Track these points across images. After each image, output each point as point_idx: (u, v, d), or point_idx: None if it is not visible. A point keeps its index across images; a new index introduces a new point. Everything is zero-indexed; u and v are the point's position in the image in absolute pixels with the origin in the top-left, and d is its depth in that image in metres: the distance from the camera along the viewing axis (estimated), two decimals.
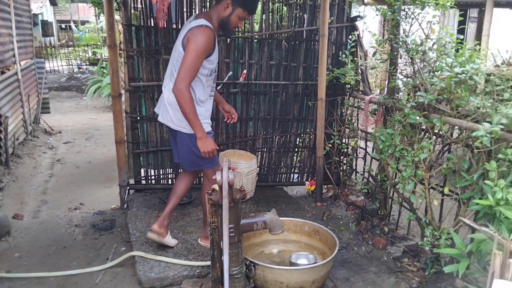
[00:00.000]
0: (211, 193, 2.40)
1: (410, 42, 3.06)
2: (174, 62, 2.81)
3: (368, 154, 4.27)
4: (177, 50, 2.79)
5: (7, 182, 4.67)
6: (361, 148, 4.46)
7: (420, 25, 3.17)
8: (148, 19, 3.81)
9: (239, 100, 4.22)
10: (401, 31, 3.25)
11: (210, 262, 2.55)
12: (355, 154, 4.51)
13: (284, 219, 3.17)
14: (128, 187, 4.12)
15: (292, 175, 4.71)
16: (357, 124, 4.41)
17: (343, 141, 4.50)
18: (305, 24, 4.21)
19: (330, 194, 4.68)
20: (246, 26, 4.10)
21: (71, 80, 13.39)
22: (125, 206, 4.02)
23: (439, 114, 2.78)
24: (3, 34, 5.27)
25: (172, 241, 3.15)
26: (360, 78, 4.26)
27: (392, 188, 3.48)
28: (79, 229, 3.76)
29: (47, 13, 24.42)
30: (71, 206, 4.26)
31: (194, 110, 2.66)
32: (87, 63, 16.71)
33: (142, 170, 4.20)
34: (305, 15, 4.19)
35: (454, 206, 2.98)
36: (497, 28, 7.22)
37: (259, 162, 4.48)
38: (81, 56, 17.50)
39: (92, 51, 16.81)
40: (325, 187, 4.81)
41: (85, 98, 9.89)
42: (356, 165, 4.56)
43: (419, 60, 3.03)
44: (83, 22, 27.64)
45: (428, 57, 3.02)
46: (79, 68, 16.26)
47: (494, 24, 6.08)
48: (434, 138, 2.91)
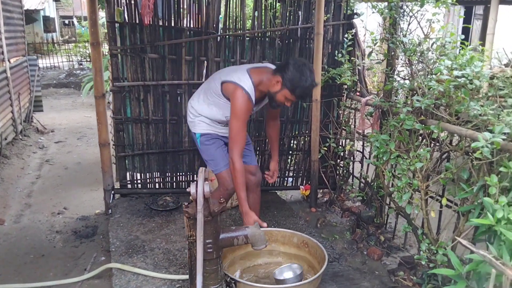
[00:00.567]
0: (188, 205, 2.21)
1: (408, 42, 2.86)
2: (206, 89, 2.93)
3: (366, 158, 4.07)
4: (214, 81, 2.84)
5: None
6: (359, 152, 4.26)
7: (419, 24, 2.97)
8: (133, 16, 3.62)
9: None
10: (399, 30, 3.05)
11: (188, 278, 2.38)
12: (352, 158, 4.32)
13: (272, 230, 2.98)
14: (113, 191, 3.95)
15: (286, 179, 4.52)
16: (354, 127, 4.21)
17: (340, 144, 4.31)
18: (300, 22, 4.01)
19: (326, 199, 4.49)
20: (238, 24, 3.91)
21: (70, 77, 13.24)
22: (110, 212, 3.85)
23: (438, 120, 2.58)
24: None
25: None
26: (357, 79, 4.06)
27: (388, 197, 3.28)
28: (60, 236, 3.59)
29: (50, 9, 24.24)
30: (55, 211, 4.11)
31: (243, 183, 2.70)
32: (88, 60, 16.53)
33: (128, 174, 4.02)
34: (300, 12, 3.99)
35: (454, 217, 2.78)
36: (503, 26, 6.97)
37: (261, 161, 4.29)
38: (82, 52, 17.31)
39: None
40: (321, 192, 4.61)
41: (82, 96, 9.73)
42: (353, 169, 4.36)
43: (417, 61, 2.82)
44: (86, 18, 27.42)
45: (427, 58, 2.82)
46: (80, 65, 16.10)
47: (500, 22, 5.84)
48: (432, 146, 2.71)
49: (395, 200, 3.00)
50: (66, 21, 29.72)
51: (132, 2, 3.58)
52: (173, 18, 3.74)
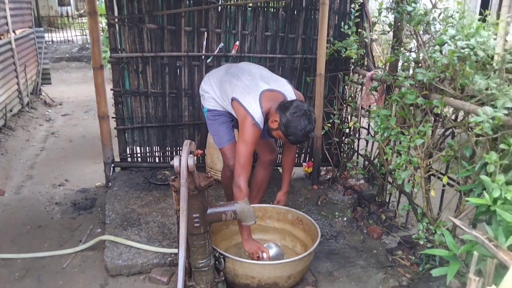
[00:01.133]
0: (175, 179, 2.15)
1: (414, 12, 2.69)
2: (220, 82, 2.86)
3: (371, 136, 3.95)
4: (230, 84, 2.76)
5: None
6: (363, 128, 4.13)
7: None
8: None
9: None
10: None
11: (178, 252, 2.34)
12: (357, 135, 4.19)
13: (267, 206, 2.92)
14: (113, 165, 3.92)
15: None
16: (360, 103, 4.08)
17: (344, 121, 4.18)
18: None
19: (329, 177, 4.39)
20: None
21: (83, 51, 13.20)
22: (110, 185, 3.83)
23: (441, 94, 2.45)
24: None
25: None
26: (364, 52, 3.90)
27: (388, 175, 3.18)
28: (59, 207, 3.60)
29: None
30: (56, 183, 4.11)
31: None
32: (101, 33, 16.42)
33: (128, 148, 3.98)
34: None
35: (456, 197, 2.67)
36: None
37: None
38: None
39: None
40: (324, 169, 4.52)
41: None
42: (358, 147, 4.24)
43: (423, 32, 2.66)
44: None
45: (434, 29, 2.66)
46: None
47: None
48: (433, 122, 2.58)
49: (396, 178, 2.90)
50: None
51: None
52: None
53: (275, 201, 3.06)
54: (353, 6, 3.79)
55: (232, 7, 3.74)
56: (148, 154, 4.03)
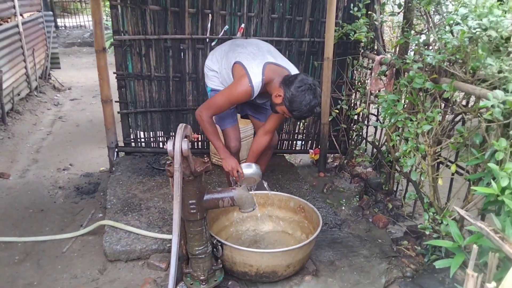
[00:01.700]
0: (171, 163, 2.09)
1: None
2: (224, 55, 2.78)
3: (380, 123, 3.83)
4: (234, 53, 2.67)
5: (1, 139, 4.55)
6: (372, 115, 4.01)
7: None
8: None
9: None
10: None
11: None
12: (366, 121, 4.08)
13: (268, 193, 2.84)
14: (117, 149, 3.89)
15: (295, 142, 4.35)
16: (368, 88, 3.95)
17: (353, 107, 4.07)
18: None
19: (336, 164, 4.30)
20: None
21: None
22: (114, 169, 3.80)
23: (451, 78, 2.33)
24: None
25: None
26: (374, 35, 3.76)
27: (395, 163, 3.08)
28: (62, 192, 3.59)
29: None
30: (60, 167, 4.10)
31: (214, 133, 2.66)
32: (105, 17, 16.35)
33: (132, 132, 3.94)
34: None
35: (465, 186, 2.56)
36: None
37: None
38: (107, 12, 17.13)
39: None
40: (331, 156, 4.43)
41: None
42: (367, 133, 4.13)
43: (433, 13, 2.53)
44: None
45: (445, 9, 2.52)
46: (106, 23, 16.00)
47: None
48: (443, 107, 2.47)
49: (402, 166, 2.80)
50: None
51: None
52: None
53: None
54: None
55: None
56: (152, 139, 3.98)
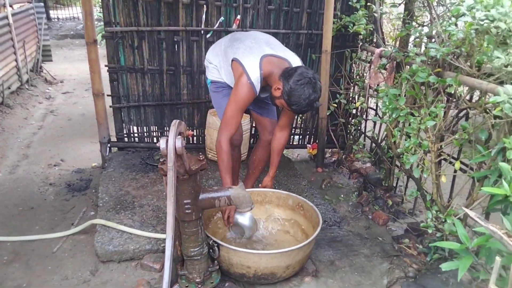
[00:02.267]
0: (164, 161, 1.99)
1: None
2: (224, 49, 2.69)
3: (379, 117, 3.75)
4: (232, 48, 2.59)
5: None
6: (371, 109, 3.93)
7: None
8: None
9: None
10: None
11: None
12: (365, 116, 3.99)
13: (266, 190, 2.76)
14: (109, 145, 3.78)
15: (293, 137, 4.26)
16: (368, 82, 3.87)
17: (351, 101, 3.98)
18: None
19: (334, 159, 4.23)
20: None
21: None
22: (106, 165, 3.69)
23: (456, 72, 2.24)
24: None
25: None
26: (373, 28, 3.66)
27: (396, 159, 3.00)
28: (53, 188, 3.48)
29: None
30: (51, 162, 3.99)
31: (228, 167, 2.49)
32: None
33: (124, 127, 3.83)
34: None
35: (468, 183, 2.48)
36: None
37: (254, 122, 4.02)
38: (100, 3, 16.88)
39: None
40: (329, 151, 4.35)
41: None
42: (365, 128, 4.05)
43: (437, 4, 2.44)
44: None
45: (449, 0, 2.43)
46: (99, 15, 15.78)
47: None
48: (446, 102, 2.38)
49: (404, 162, 2.72)
50: None
51: None
52: None
53: (261, 186, 2.88)
54: None
55: None
56: (146, 134, 3.88)
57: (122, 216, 2.83)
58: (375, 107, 3.83)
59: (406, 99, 2.51)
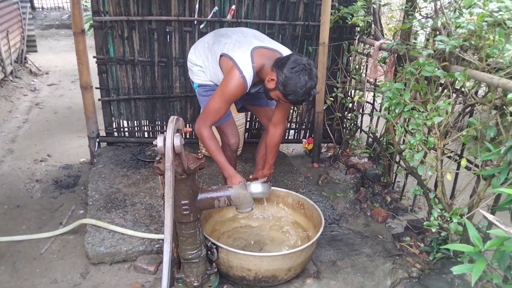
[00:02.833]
0: (160, 160, 1.88)
1: None
2: (208, 48, 2.55)
3: (376, 111, 3.67)
4: (219, 45, 2.45)
5: None
6: (368, 103, 3.84)
7: None
8: None
9: None
10: None
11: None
12: (361, 110, 3.91)
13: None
14: (98, 139, 3.64)
15: (288, 131, 4.16)
16: (365, 75, 3.78)
17: (348, 95, 3.89)
18: None
19: (330, 154, 4.14)
20: None
21: None
22: (94, 161, 3.55)
23: (463, 66, 2.16)
24: None
25: None
26: (372, 20, 3.57)
27: (398, 155, 2.92)
28: (39, 185, 3.33)
29: None
30: (38, 158, 3.82)
31: (216, 148, 2.38)
32: None
33: (114, 121, 3.68)
34: None
35: (472, 181, 2.41)
36: None
37: (249, 116, 3.92)
38: None
39: None
40: (325, 146, 4.27)
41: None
42: (362, 123, 3.97)
43: None
44: None
45: None
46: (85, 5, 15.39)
47: None
48: (454, 97, 2.30)
49: (405, 159, 2.64)
50: None
51: None
52: None
53: (252, 177, 2.72)
54: None
55: None
56: (136, 129, 3.74)
57: (114, 215, 2.70)
58: (372, 101, 3.74)
59: (411, 94, 2.42)
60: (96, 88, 3.51)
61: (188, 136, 3.80)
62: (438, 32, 2.39)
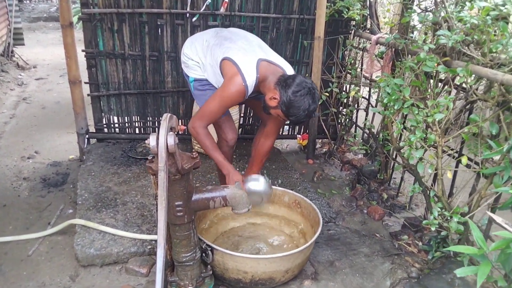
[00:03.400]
0: (152, 159, 1.79)
1: None
2: (207, 46, 2.47)
3: (372, 106, 3.61)
4: (220, 47, 2.37)
5: None
6: (364, 99, 3.78)
7: None
8: None
9: None
10: None
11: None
12: (357, 105, 3.84)
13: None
14: (88, 136, 3.53)
15: (282, 127, 4.08)
16: (361, 70, 3.71)
17: (343, 90, 3.82)
18: None
19: (325, 150, 4.08)
20: None
21: None
22: (84, 158, 3.45)
23: (465, 61, 2.10)
24: None
25: None
26: (368, 13, 3.50)
27: (396, 152, 2.86)
28: (27, 183, 3.23)
29: None
30: (25, 155, 3.71)
31: (212, 145, 2.32)
32: None
33: (104, 117, 3.58)
34: None
35: (471, 179, 2.36)
36: None
37: (243, 111, 3.84)
38: None
39: None
40: (320, 142, 4.20)
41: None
42: (357, 118, 3.91)
43: None
44: None
45: None
46: None
47: None
48: (455, 93, 2.24)
49: (404, 156, 2.58)
50: None
51: None
52: None
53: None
54: None
55: None
56: (127, 125, 3.64)
57: (104, 215, 2.61)
58: (368, 97, 3.68)
59: (410, 90, 2.36)
60: (85, 83, 3.40)
61: (181, 133, 3.71)
62: (439, 26, 2.33)
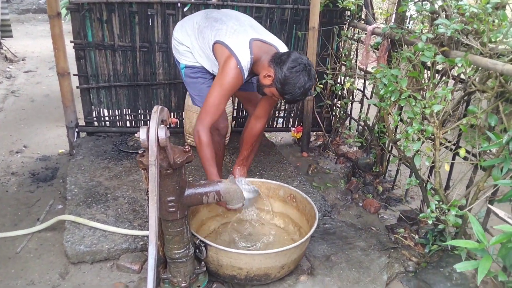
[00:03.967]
0: (143, 154, 1.73)
1: None
2: (198, 28, 2.40)
3: (366, 98, 3.56)
4: (211, 29, 2.30)
5: None
6: (359, 90, 3.73)
7: None
8: None
9: None
10: None
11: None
12: (351, 97, 3.79)
13: (255, 180, 2.54)
14: (77, 129, 3.45)
15: (276, 120, 4.03)
16: (356, 61, 3.66)
17: (338, 81, 3.77)
18: None
19: (319, 143, 4.04)
20: None
21: None
22: (74, 152, 3.37)
23: (463, 51, 2.05)
24: None
25: None
26: (363, 3, 3.44)
27: (392, 144, 2.82)
28: (15, 178, 3.15)
29: None
30: (13, 149, 3.62)
31: (211, 158, 2.23)
32: None
33: (94, 110, 3.50)
34: None
35: (467, 171, 2.33)
36: None
37: (236, 104, 3.78)
38: None
39: None
40: (314, 135, 4.16)
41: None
42: (351, 110, 3.86)
43: None
44: None
45: None
46: None
47: None
48: (453, 84, 2.20)
49: (401, 149, 2.54)
50: None
51: None
52: None
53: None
54: None
55: None
56: (118, 118, 3.56)
57: (94, 211, 2.55)
58: (363, 88, 3.63)
59: (408, 81, 2.31)
60: (74, 75, 3.32)
61: (173, 126, 3.65)
62: (437, 16, 2.28)
